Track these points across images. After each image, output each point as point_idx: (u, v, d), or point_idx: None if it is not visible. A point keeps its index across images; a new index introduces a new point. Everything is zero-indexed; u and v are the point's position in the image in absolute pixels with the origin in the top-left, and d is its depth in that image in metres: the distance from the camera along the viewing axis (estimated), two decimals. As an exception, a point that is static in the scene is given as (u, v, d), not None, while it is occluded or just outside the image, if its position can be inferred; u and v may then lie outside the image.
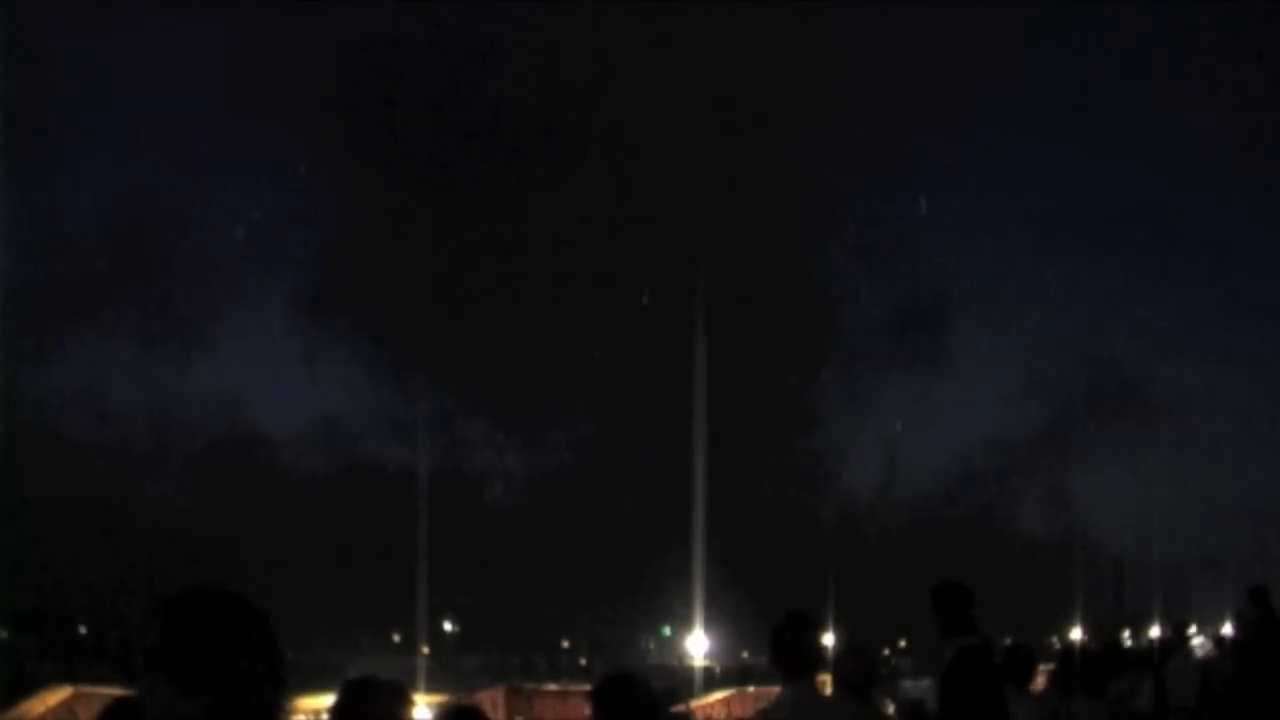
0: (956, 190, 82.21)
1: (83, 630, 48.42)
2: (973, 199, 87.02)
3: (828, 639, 46.44)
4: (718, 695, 33.30)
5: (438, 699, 25.02)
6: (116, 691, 12.33)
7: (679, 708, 26.77)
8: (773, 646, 4.88)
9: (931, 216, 73.81)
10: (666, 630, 52.66)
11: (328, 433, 55.20)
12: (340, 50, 48.94)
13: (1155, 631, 38.85)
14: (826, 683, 5.26)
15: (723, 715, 30.92)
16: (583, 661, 53.46)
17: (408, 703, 3.99)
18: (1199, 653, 16.06)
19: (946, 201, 76.24)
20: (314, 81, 49.29)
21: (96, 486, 46.87)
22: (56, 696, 25.78)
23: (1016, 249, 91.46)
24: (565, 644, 56.23)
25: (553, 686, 35.40)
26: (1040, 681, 8.79)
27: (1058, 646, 51.68)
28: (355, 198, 51.34)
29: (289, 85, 50.02)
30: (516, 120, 49.93)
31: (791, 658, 4.81)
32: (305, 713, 29.60)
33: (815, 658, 4.92)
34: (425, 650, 56.36)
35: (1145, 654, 11.30)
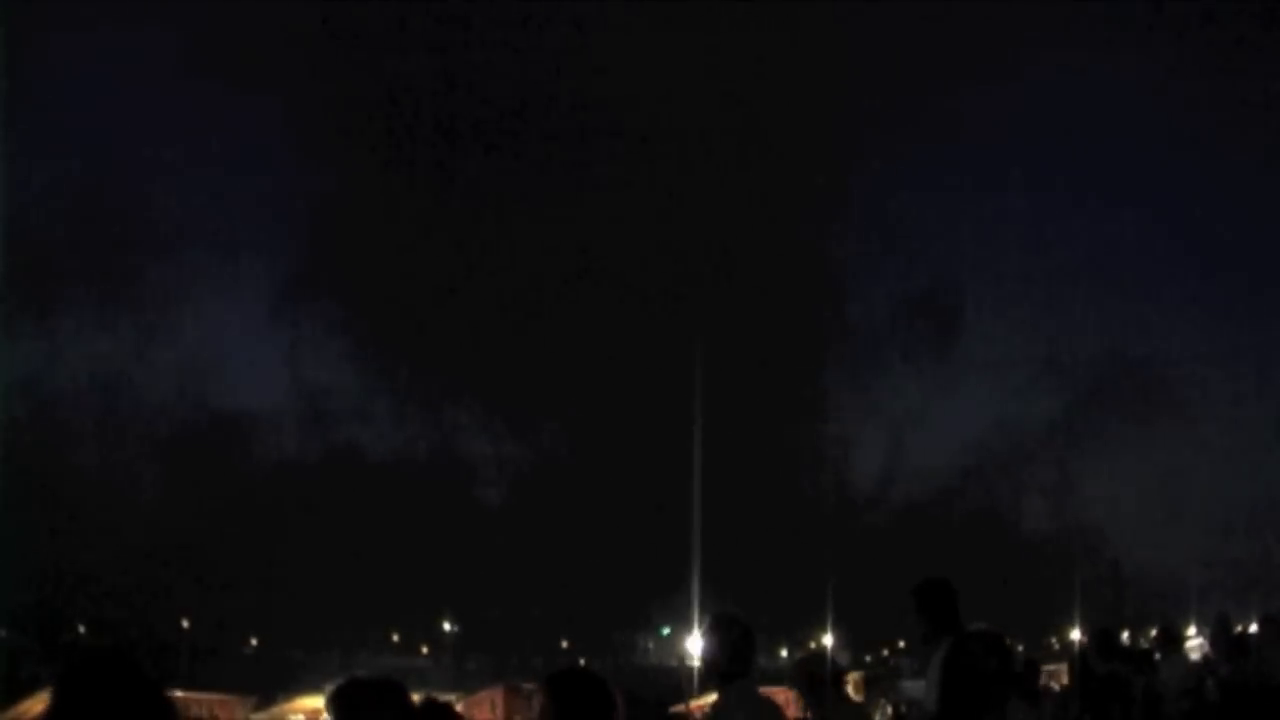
0: (964, 183, 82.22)
1: (82, 630, 48.43)
2: (981, 192, 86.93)
3: (826, 639, 46.44)
4: (715, 695, 33.23)
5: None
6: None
7: (679, 708, 26.76)
8: (712, 650, 4.87)
9: (939, 209, 73.80)
10: (666, 630, 52.68)
11: (320, 427, 55.19)
12: (336, 40, 49.01)
13: (1155, 632, 38.80)
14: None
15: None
16: (582, 661, 53.44)
17: (404, 702, 3.98)
18: (1196, 654, 16.04)
19: (954, 194, 76.27)
20: (309, 68, 49.33)
21: (81, 479, 46.86)
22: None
23: (1024, 245, 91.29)
24: (564, 644, 56.21)
25: (552, 686, 35.25)
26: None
27: (1057, 647, 51.67)
28: (344, 185, 51.37)
29: (281, 69, 50.11)
30: (513, 110, 50.01)
31: (730, 660, 4.82)
32: (305, 712, 29.58)
33: (749, 658, 4.92)
34: (425, 650, 56.44)
35: (1144, 654, 11.30)
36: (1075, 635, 53.11)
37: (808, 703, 6.06)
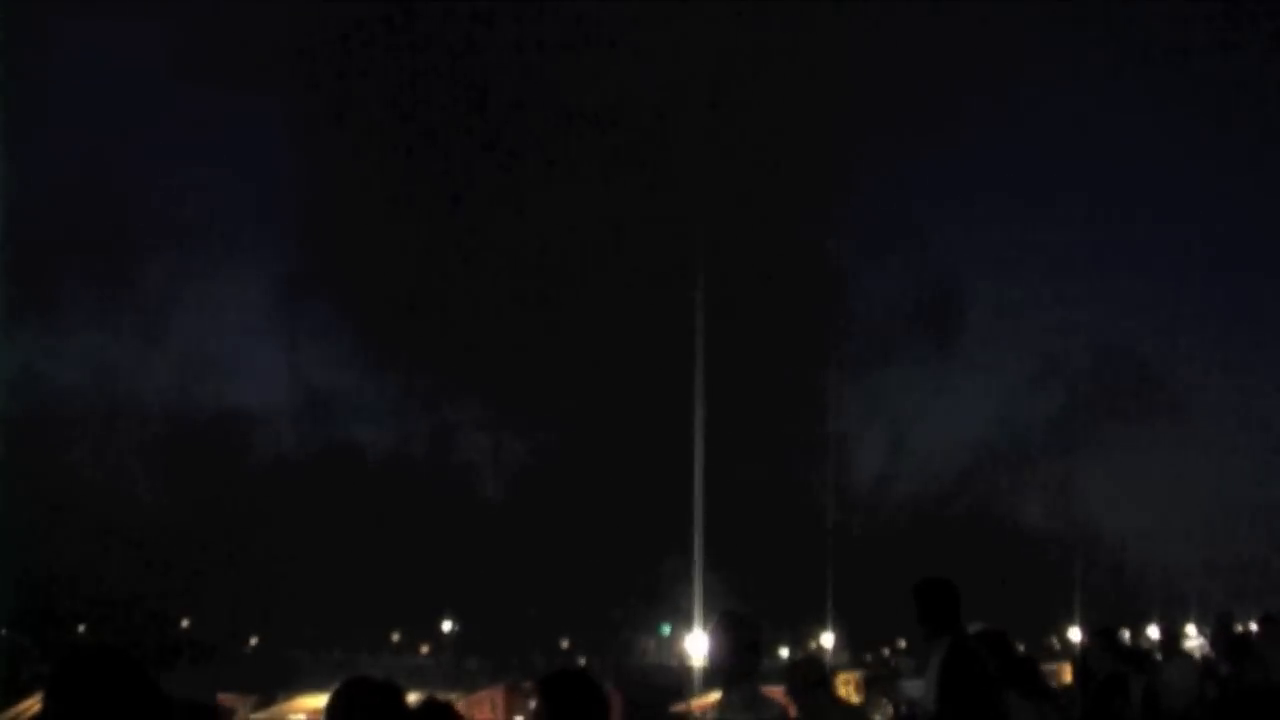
0: (964, 183, 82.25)
1: (82, 630, 48.43)
2: (981, 192, 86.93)
3: (826, 638, 46.43)
4: (718, 695, 33.22)
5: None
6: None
7: (679, 707, 26.79)
8: (718, 650, 4.85)
9: (939, 209, 73.83)
10: (666, 629, 52.68)
11: (319, 426, 55.16)
12: (335, 40, 49.07)
13: (1155, 633, 38.83)
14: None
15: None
16: (582, 661, 53.44)
17: (401, 703, 4.00)
18: (1197, 654, 16.04)
19: (954, 194, 76.35)
20: (309, 67, 49.38)
21: (80, 478, 46.80)
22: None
23: (1024, 245, 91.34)
24: (565, 644, 56.21)
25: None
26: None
27: (1057, 647, 51.70)
28: (344, 185, 51.39)
29: (281, 68, 50.21)
30: (512, 109, 50.03)
31: (736, 660, 4.81)
32: (305, 712, 29.59)
33: (755, 659, 4.90)
34: (425, 650, 56.43)
35: (1144, 654, 11.28)
36: (1075, 635, 53.28)
37: (797, 705, 6.10)
